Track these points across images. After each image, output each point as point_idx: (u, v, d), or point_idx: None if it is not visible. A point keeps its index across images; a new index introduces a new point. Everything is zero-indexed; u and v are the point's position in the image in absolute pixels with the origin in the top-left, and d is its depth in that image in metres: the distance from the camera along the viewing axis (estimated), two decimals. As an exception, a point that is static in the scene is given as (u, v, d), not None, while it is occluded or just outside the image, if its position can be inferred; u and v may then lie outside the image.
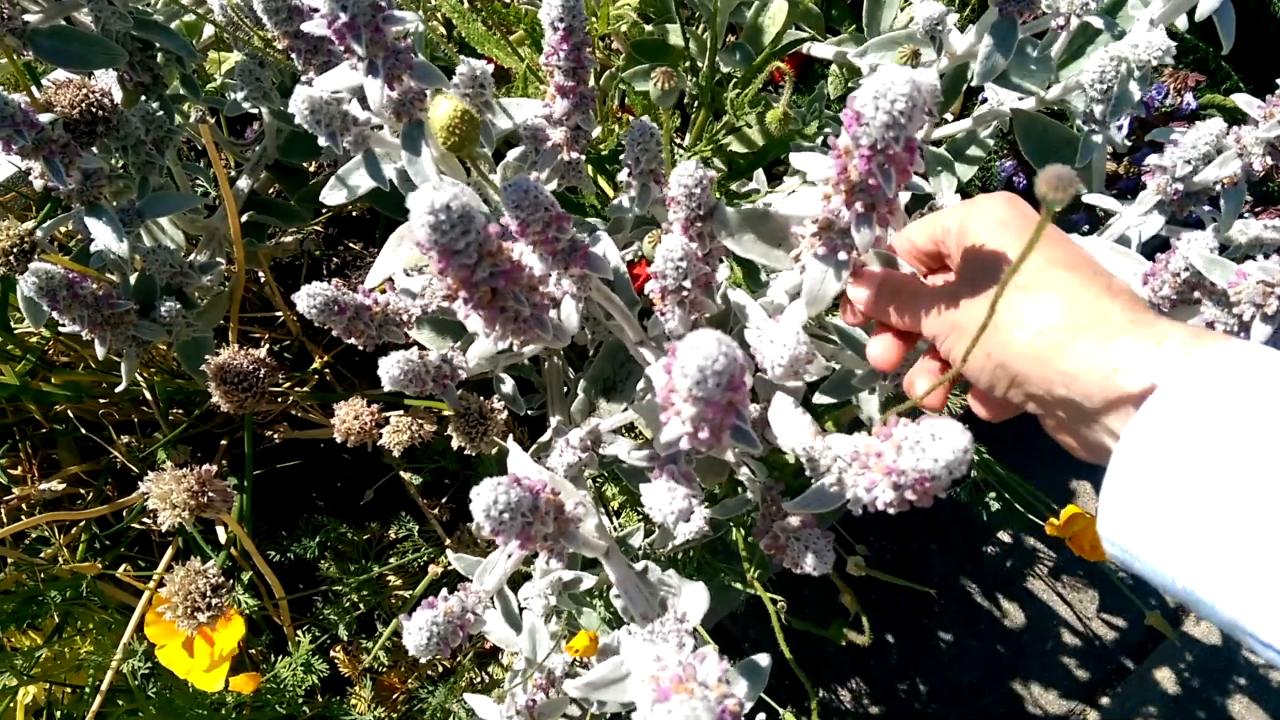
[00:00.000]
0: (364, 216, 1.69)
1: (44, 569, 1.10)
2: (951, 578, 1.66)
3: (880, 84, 0.50)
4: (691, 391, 0.43)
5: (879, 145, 0.52)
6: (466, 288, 0.53)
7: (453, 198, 0.46)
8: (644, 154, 0.80)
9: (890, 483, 0.51)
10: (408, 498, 1.43)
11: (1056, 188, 0.40)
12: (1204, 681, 1.58)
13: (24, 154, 0.92)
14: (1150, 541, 0.47)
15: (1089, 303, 0.53)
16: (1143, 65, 0.81)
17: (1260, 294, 0.69)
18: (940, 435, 0.45)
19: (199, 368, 1.05)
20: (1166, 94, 1.34)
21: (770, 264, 0.72)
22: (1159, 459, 0.46)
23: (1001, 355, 0.55)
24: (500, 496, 0.53)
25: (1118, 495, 0.48)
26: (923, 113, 0.52)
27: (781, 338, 0.66)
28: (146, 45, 1.13)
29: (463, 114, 0.58)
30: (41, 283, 0.91)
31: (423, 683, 1.31)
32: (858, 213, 0.58)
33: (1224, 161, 0.79)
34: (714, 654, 0.48)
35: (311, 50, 0.78)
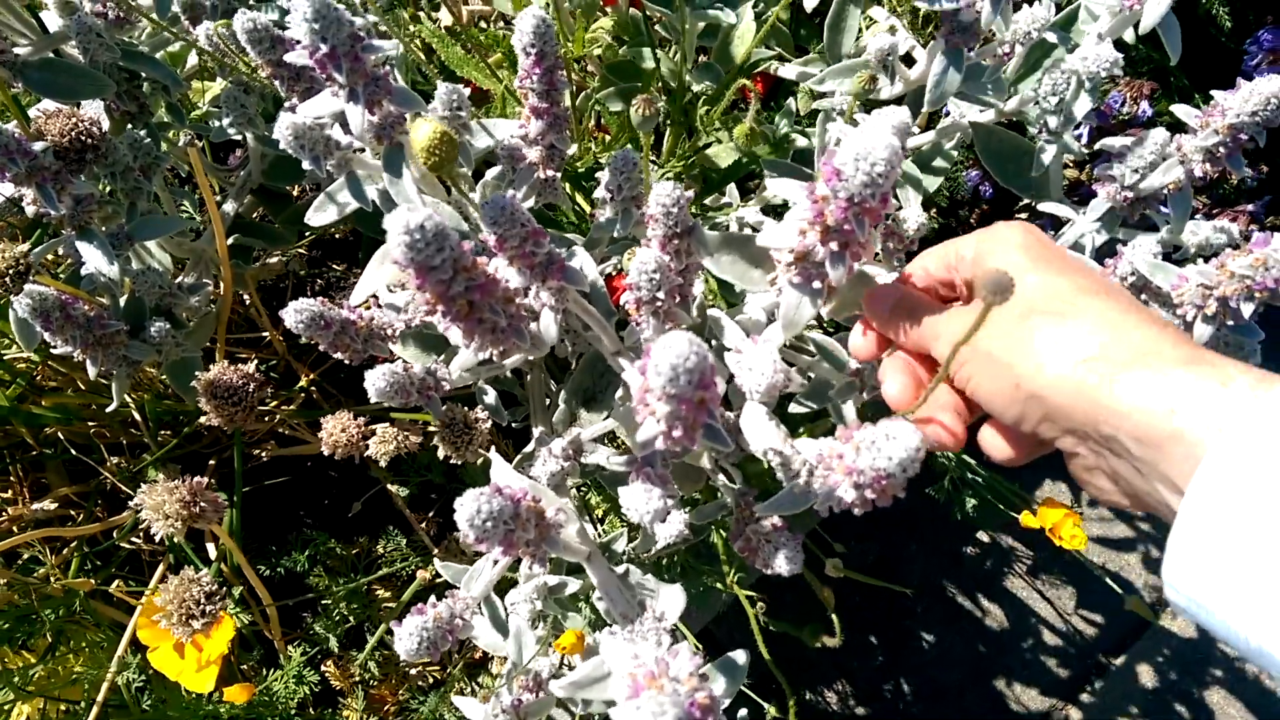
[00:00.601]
0: (347, 239, 1.72)
1: (37, 588, 1.12)
2: (933, 578, 1.69)
3: (862, 147, 0.52)
4: (665, 389, 0.46)
5: (856, 199, 0.55)
6: (444, 301, 0.55)
7: (427, 218, 0.49)
8: (626, 182, 0.84)
9: (851, 482, 0.54)
10: (395, 511, 1.45)
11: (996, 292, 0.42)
12: (1182, 674, 1.62)
13: (17, 181, 0.95)
14: (1222, 598, 0.44)
15: (1135, 334, 0.49)
16: (1093, 77, 0.85)
17: (1200, 296, 0.73)
18: (894, 435, 0.48)
19: (188, 387, 1.07)
20: (1124, 102, 1.39)
21: (746, 286, 0.75)
22: (1232, 511, 0.43)
23: (1033, 386, 0.51)
24: (483, 506, 0.56)
25: (1187, 546, 0.45)
26: (898, 168, 0.55)
27: (759, 365, 0.68)
28: (133, 75, 1.16)
29: (442, 135, 0.61)
30: (35, 304, 0.93)
31: (413, 693, 1.33)
32: (832, 251, 0.60)
33: (1167, 169, 0.83)
34: (687, 649, 0.51)
35: (294, 78, 0.81)
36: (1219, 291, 0.72)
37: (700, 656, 0.49)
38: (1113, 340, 0.49)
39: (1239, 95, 0.76)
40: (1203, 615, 0.46)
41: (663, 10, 1.13)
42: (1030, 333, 0.52)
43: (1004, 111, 1.06)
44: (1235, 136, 0.78)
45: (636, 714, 0.37)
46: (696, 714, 0.40)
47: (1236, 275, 0.72)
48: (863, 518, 0.54)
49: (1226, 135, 0.78)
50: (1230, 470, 0.43)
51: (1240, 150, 0.80)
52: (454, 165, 0.63)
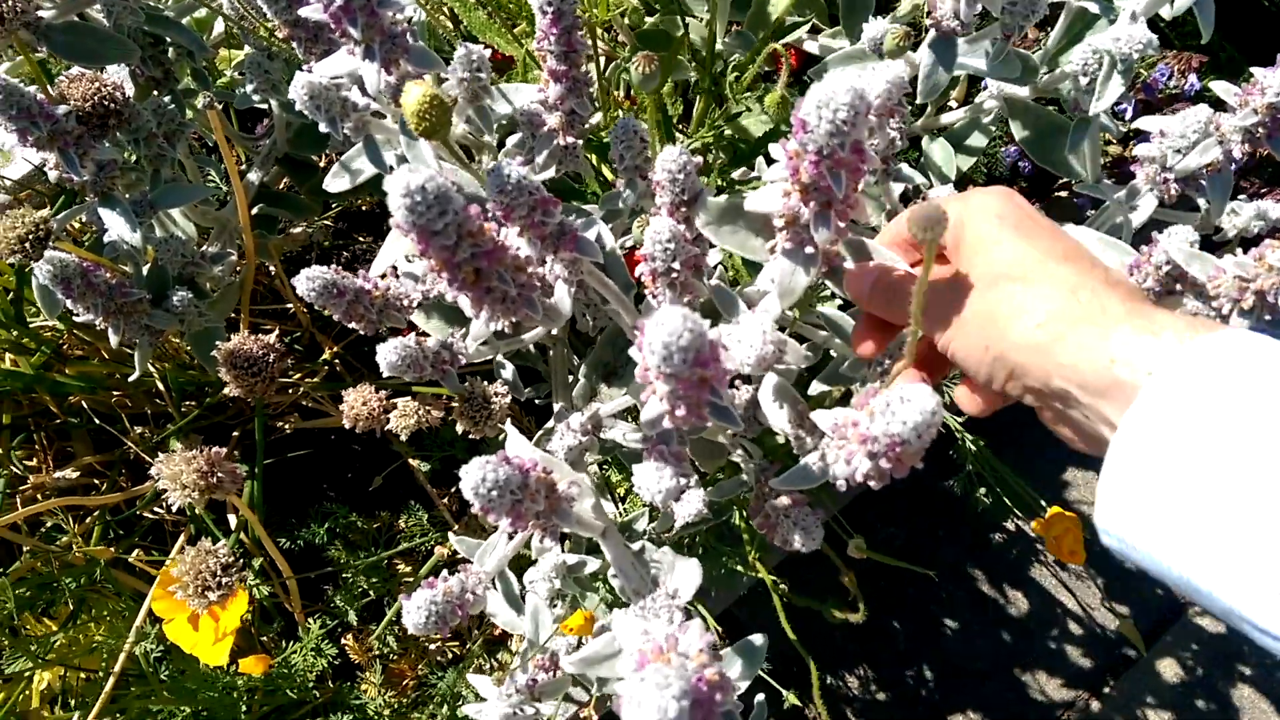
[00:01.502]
0: (373, 211, 1.71)
1: (59, 556, 1.12)
2: (959, 565, 1.67)
3: (823, 93, 0.50)
4: (660, 368, 0.44)
5: (825, 151, 0.53)
6: (448, 269, 0.54)
7: (428, 179, 0.47)
8: (628, 150, 0.81)
9: (866, 451, 0.51)
10: (417, 486, 1.45)
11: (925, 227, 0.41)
12: (1208, 670, 1.58)
13: (39, 145, 0.94)
14: (1147, 531, 0.47)
15: (1086, 294, 0.53)
16: (1125, 58, 0.81)
17: (1236, 289, 0.69)
18: (908, 398, 0.46)
19: (210, 357, 1.06)
20: (1170, 75, 1.34)
21: (747, 255, 0.73)
22: (1155, 449, 0.46)
23: (1000, 347, 0.55)
24: (488, 474, 0.54)
25: (1114, 485, 0.48)
26: (867, 117, 0.52)
27: (748, 337, 0.66)
28: (158, 40, 1.15)
29: (432, 99, 0.59)
30: (56, 270, 0.93)
31: (432, 669, 1.33)
32: (814, 211, 0.58)
33: (1205, 149, 0.79)
34: (698, 625, 0.49)
35: (312, 39, 0.79)
36: (1256, 285, 0.69)
37: (712, 634, 0.48)
38: (1066, 302, 0.53)
39: (1278, 73, 0.72)
40: (1131, 551, 0.49)
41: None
42: (997, 298, 0.55)
43: (1039, 87, 1.02)
44: (1275, 116, 0.74)
45: (640, 686, 0.36)
46: (704, 689, 0.39)
47: (1276, 268, 0.68)
48: (891, 503, 0.52)
49: (1266, 115, 0.74)
50: (1152, 412, 0.47)
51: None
52: (447, 131, 0.61)
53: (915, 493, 1.66)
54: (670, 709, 0.35)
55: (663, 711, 0.35)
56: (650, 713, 0.35)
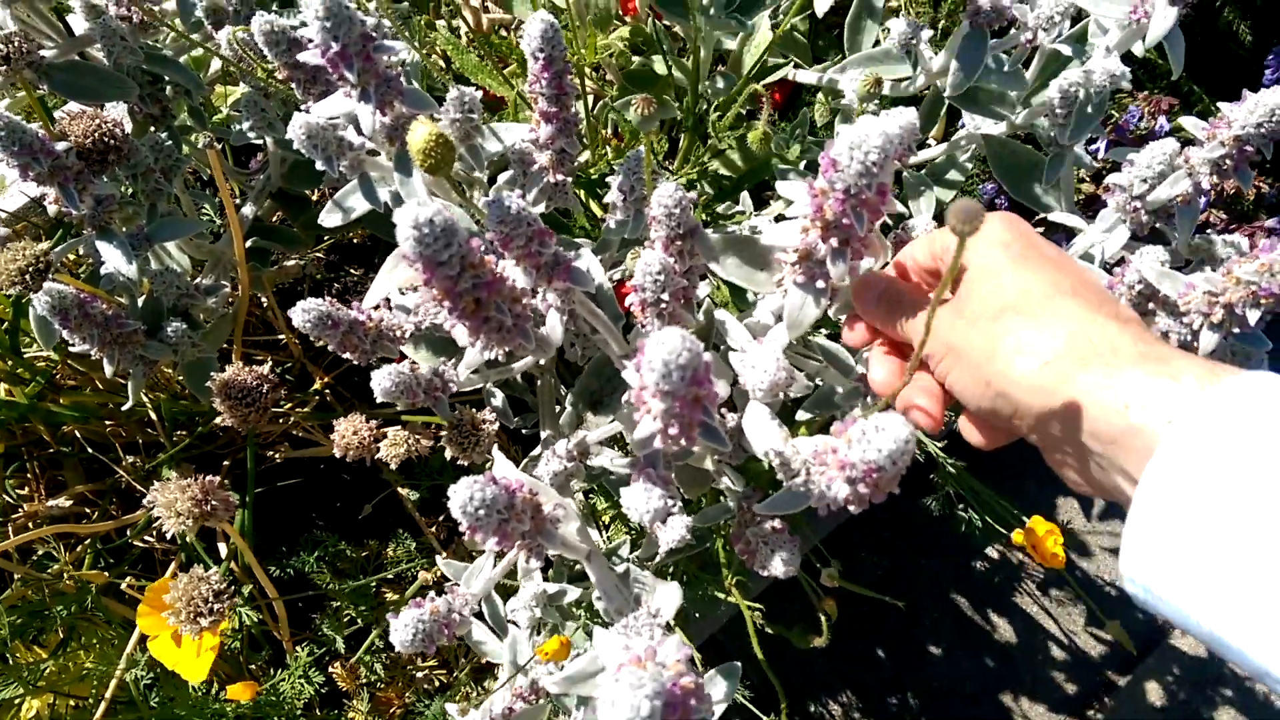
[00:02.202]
0: (364, 243, 1.74)
1: (50, 584, 1.13)
2: (942, 592, 1.68)
3: (856, 135, 0.53)
4: (659, 385, 0.47)
5: (852, 190, 0.55)
6: (450, 298, 0.56)
7: (436, 212, 0.50)
8: (638, 183, 0.85)
9: (844, 477, 0.54)
10: (405, 514, 1.46)
11: (964, 220, 0.43)
12: (1191, 694, 1.60)
13: (40, 180, 0.97)
14: (1174, 585, 0.45)
15: (1096, 332, 0.51)
16: (1100, 91, 0.85)
17: (1206, 304, 0.73)
18: (883, 427, 0.48)
19: (203, 388, 1.08)
20: (1141, 117, 1.38)
21: (752, 288, 0.76)
22: (1180, 501, 0.44)
23: (1002, 385, 0.53)
24: (475, 494, 0.56)
25: (1139, 537, 0.47)
26: (895, 160, 0.55)
27: (762, 363, 0.69)
28: (156, 79, 1.18)
29: (438, 137, 0.62)
30: (54, 302, 0.95)
31: (419, 697, 1.34)
32: (833, 247, 0.61)
33: (1175, 181, 0.82)
34: (676, 638, 0.51)
35: (310, 80, 0.82)
36: (1225, 298, 0.72)
37: (690, 649, 0.50)
38: (1075, 340, 0.51)
39: (1244, 107, 0.76)
40: (1157, 603, 0.47)
41: (679, 19, 1.14)
42: (1001, 331, 0.54)
43: (1015, 124, 1.06)
44: (1241, 149, 0.78)
45: (615, 686, 0.38)
46: (678, 694, 0.40)
47: (1243, 281, 0.71)
48: (876, 531, 0.55)
49: (1233, 147, 0.78)
50: (1178, 462, 0.45)
51: (1247, 163, 0.80)
52: (450, 168, 0.64)
53: (898, 520, 1.68)
54: (643, 707, 0.37)
55: (635, 710, 0.37)
56: (623, 711, 0.37)
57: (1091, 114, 0.87)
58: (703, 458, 0.87)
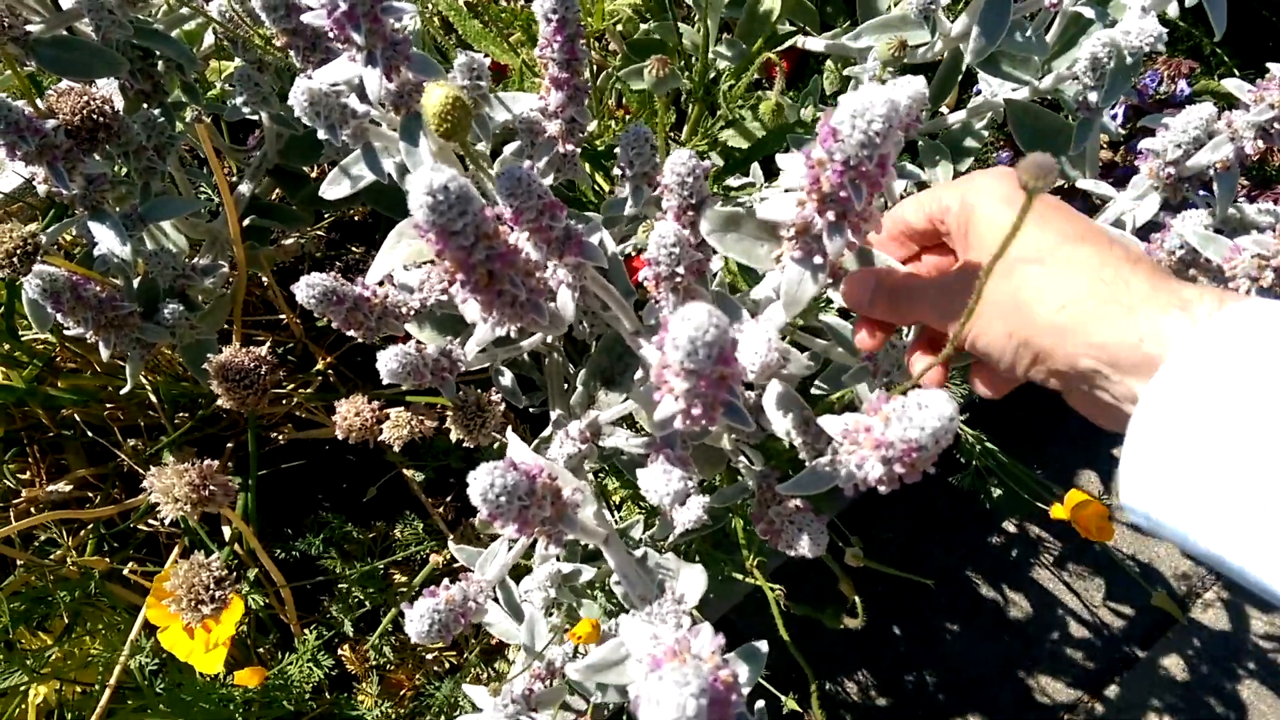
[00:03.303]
0: (365, 221, 1.71)
1: (53, 570, 1.11)
2: (957, 569, 1.66)
3: (859, 103, 0.50)
4: (683, 364, 0.44)
5: (852, 162, 0.52)
6: (464, 269, 0.53)
7: (450, 178, 0.47)
8: (638, 158, 0.81)
9: (879, 457, 0.51)
10: (411, 496, 1.44)
11: (1038, 175, 0.40)
12: (1212, 669, 1.58)
13: (28, 159, 0.94)
14: (1173, 505, 0.46)
15: (1110, 273, 0.52)
16: (1135, 51, 0.82)
17: (1255, 267, 0.70)
18: (926, 404, 0.46)
19: (202, 370, 1.06)
20: (1161, 81, 1.35)
21: (751, 263, 0.73)
22: (1180, 420, 0.45)
23: (1025, 333, 0.54)
24: (497, 480, 0.54)
25: (1138, 459, 0.47)
26: (899, 131, 0.52)
27: (754, 344, 0.66)
28: (147, 53, 1.15)
29: (455, 100, 0.59)
30: (45, 285, 0.92)
31: (429, 679, 1.32)
32: (829, 221, 0.58)
33: (1216, 146, 0.79)
34: (709, 629, 0.49)
35: (309, 47, 0.79)
36: (1276, 261, 0.69)
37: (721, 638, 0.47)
38: (1089, 283, 0.52)
39: (1300, 68, 0.72)
40: (1157, 527, 0.48)
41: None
42: (1017, 283, 0.54)
43: (1039, 89, 1.03)
44: (1293, 112, 0.75)
45: (659, 685, 0.35)
46: (720, 689, 0.38)
47: None
48: (884, 509, 0.52)
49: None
50: (1175, 383, 0.46)
51: (1297, 126, 0.76)
52: (467, 132, 0.61)
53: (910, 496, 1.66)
54: (689, 706, 0.35)
55: (681, 709, 0.35)
56: (669, 710, 0.35)
57: (1125, 76, 0.84)
58: (719, 437, 0.84)
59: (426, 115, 0.59)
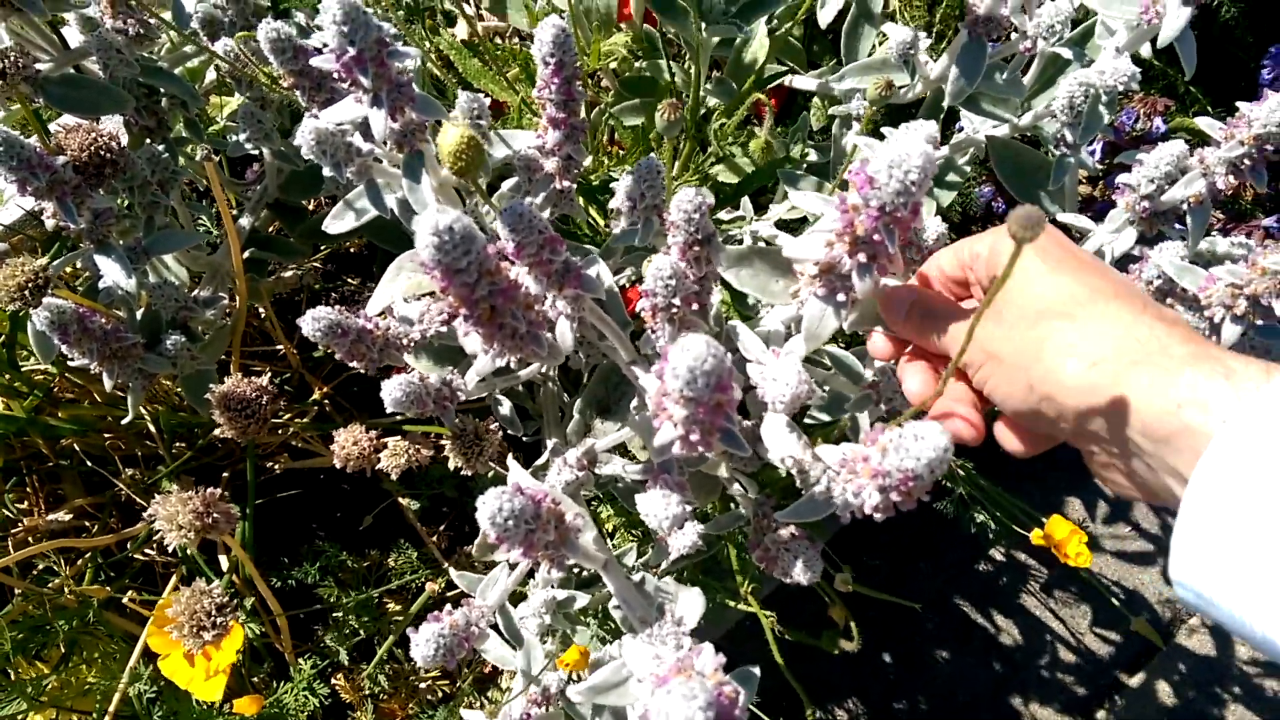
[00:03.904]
0: (361, 253, 1.73)
1: (51, 598, 1.12)
2: (945, 596, 1.68)
3: (897, 154, 0.52)
4: (683, 392, 0.46)
5: (888, 208, 0.55)
6: (467, 305, 0.56)
7: (455, 219, 0.49)
8: (650, 190, 0.84)
9: (876, 485, 0.53)
10: (406, 525, 1.45)
11: (1026, 226, 0.42)
12: (1199, 693, 1.60)
13: (38, 195, 0.96)
14: (1227, 587, 0.44)
15: (1144, 333, 0.50)
16: (1110, 91, 0.85)
17: (1229, 296, 0.73)
18: (922, 435, 0.48)
19: (203, 400, 1.07)
20: (1137, 119, 1.39)
21: (767, 298, 0.75)
22: (1237, 499, 0.43)
23: (1048, 388, 0.53)
24: (505, 504, 0.55)
25: (1191, 537, 0.45)
26: (930, 177, 0.55)
27: (784, 376, 0.68)
28: (152, 91, 1.17)
29: (469, 140, 0.62)
30: (53, 317, 0.94)
31: (423, 708, 1.33)
32: (859, 263, 0.60)
33: (1189, 181, 0.82)
34: (710, 648, 0.51)
35: (315, 87, 0.81)
36: (1249, 290, 0.72)
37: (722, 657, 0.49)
38: (1123, 341, 0.50)
39: (1266, 106, 0.76)
40: (1208, 606, 0.46)
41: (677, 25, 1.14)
42: (1043, 336, 0.53)
43: (1019, 126, 1.06)
44: (1261, 148, 0.78)
45: (668, 698, 0.37)
46: (725, 703, 0.40)
47: (1269, 271, 0.71)
48: (872, 535, 0.54)
49: (1252, 146, 0.78)
50: (1232, 460, 0.44)
51: (1265, 163, 0.80)
52: (479, 170, 0.64)
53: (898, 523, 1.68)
54: (697, 718, 0.37)
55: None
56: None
57: (1101, 114, 0.87)
58: (716, 465, 0.86)
59: (442, 153, 0.62)
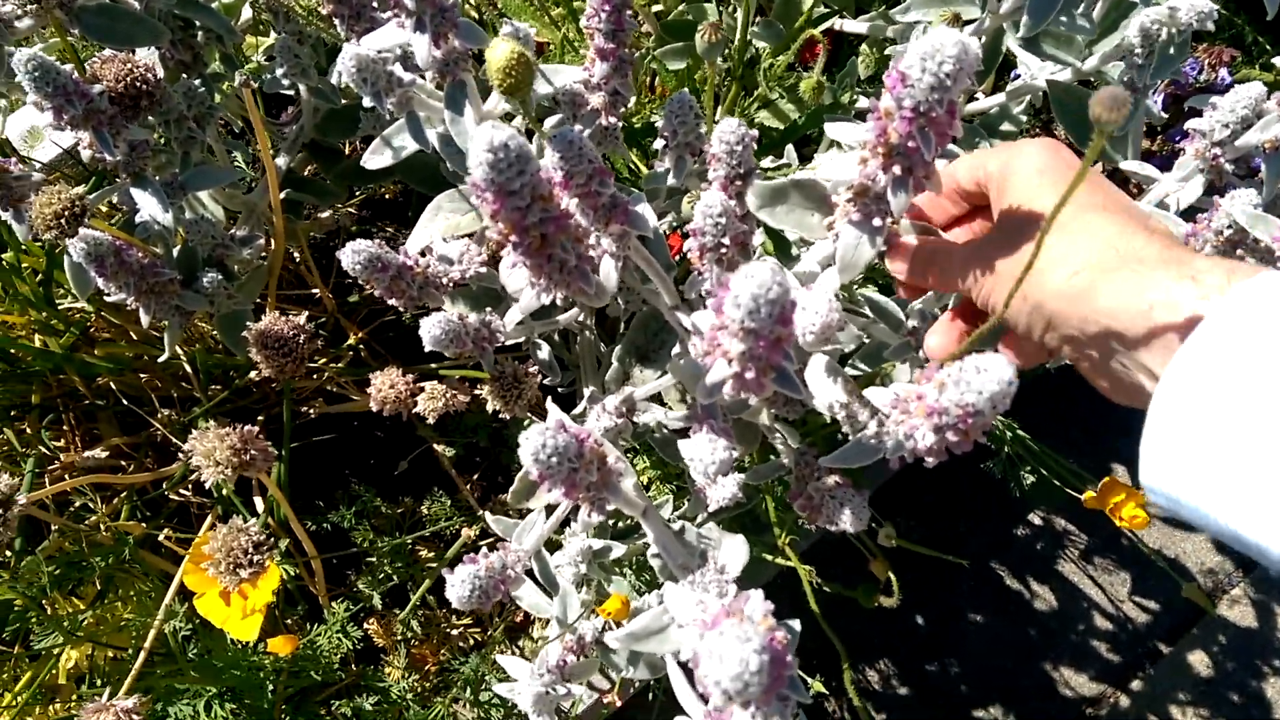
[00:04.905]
0: (396, 199, 1.71)
1: (87, 535, 1.12)
2: (982, 560, 1.66)
3: (929, 45, 0.50)
4: (744, 323, 0.44)
5: (922, 107, 0.52)
6: (518, 232, 0.54)
7: (510, 136, 0.47)
8: (682, 126, 0.81)
9: (931, 425, 0.51)
10: (441, 472, 1.45)
11: (1111, 108, 0.39)
12: (1237, 665, 1.57)
13: (74, 124, 0.94)
14: (1194, 483, 0.45)
15: (1124, 242, 0.53)
16: (1184, 29, 0.81)
17: (1306, 246, 0.69)
18: (985, 367, 0.45)
19: (238, 340, 1.06)
20: (1201, 70, 1.33)
21: (802, 233, 0.72)
22: (1202, 397, 0.45)
23: (1037, 295, 0.55)
24: (549, 440, 0.54)
25: (1159, 437, 0.47)
26: (968, 76, 0.52)
27: (814, 304, 0.65)
28: (188, 24, 1.15)
29: (519, 55, 0.59)
30: (90, 248, 0.93)
31: (455, 654, 1.33)
32: (895, 176, 0.57)
33: (1266, 125, 0.78)
34: (759, 594, 0.49)
35: (354, 16, 0.79)
36: None
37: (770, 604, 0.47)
38: (1104, 249, 0.53)
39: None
40: (1179, 507, 0.47)
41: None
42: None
43: (1082, 71, 1.01)
44: (1351, 87, 0.74)
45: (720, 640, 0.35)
46: (778, 648, 0.38)
47: None
48: (914, 496, 0.52)
49: (1339, 87, 0.73)
50: (1197, 359, 0.45)
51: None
52: (529, 89, 0.61)
53: (938, 484, 1.66)
54: (753, 661, 0.35)
55: (745, 664, 0.35)
56: (733, 665, 0.35)
57: (1174, 55, 0.83)
58: (757, 412, 0.84)
59: (491, 69, 0.59)
